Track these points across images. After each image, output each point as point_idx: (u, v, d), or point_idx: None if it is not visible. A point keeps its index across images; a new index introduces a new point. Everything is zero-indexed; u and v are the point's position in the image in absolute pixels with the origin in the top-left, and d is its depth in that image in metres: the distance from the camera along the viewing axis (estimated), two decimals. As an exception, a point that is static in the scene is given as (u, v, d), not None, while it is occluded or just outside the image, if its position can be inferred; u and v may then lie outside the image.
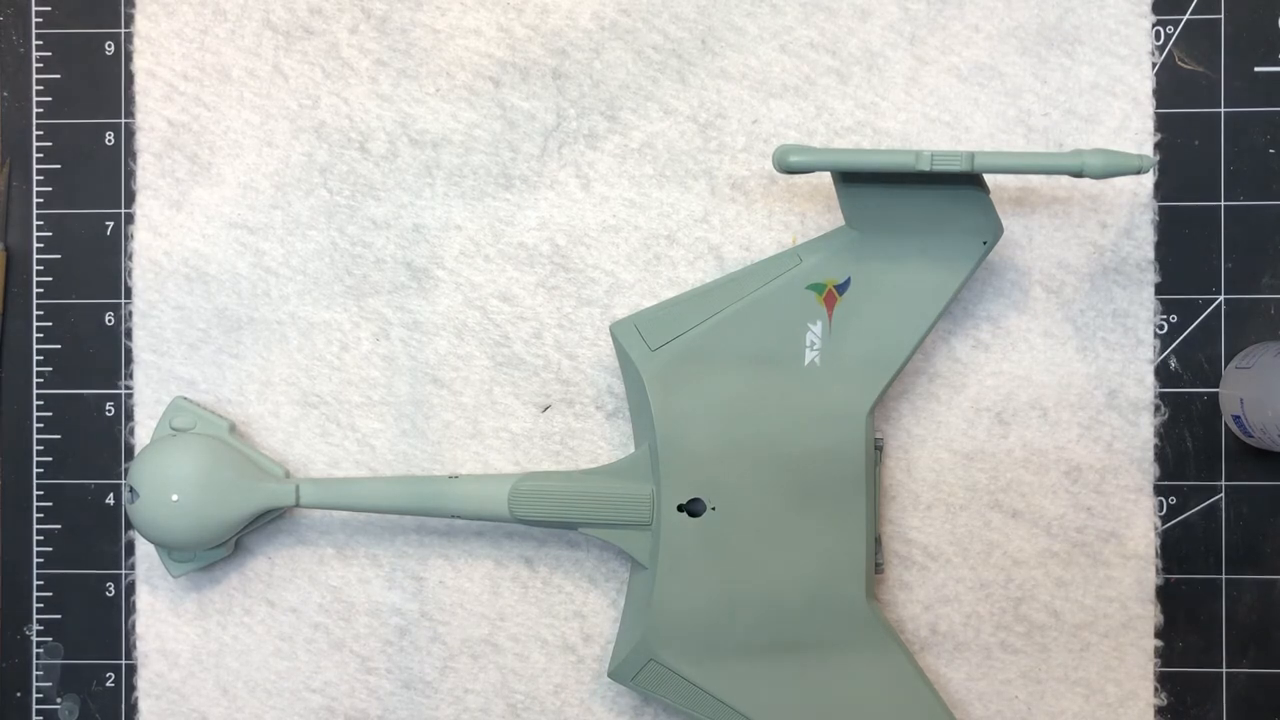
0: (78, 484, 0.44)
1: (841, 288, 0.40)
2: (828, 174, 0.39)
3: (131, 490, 0.41)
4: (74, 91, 0.44)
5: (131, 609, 0.44)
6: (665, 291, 0.43)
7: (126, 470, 0.43)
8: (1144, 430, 0.43)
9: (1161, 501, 0.43)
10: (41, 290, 0.44)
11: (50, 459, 0.44)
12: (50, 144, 0.44)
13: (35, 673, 0.44)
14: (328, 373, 0.43)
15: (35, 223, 0.44)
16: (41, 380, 0.44)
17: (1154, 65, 0.43)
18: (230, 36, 0.43)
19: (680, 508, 0.40)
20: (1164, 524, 0.43)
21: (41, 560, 0.44)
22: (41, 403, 0.44)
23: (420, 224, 0.43)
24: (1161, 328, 0.43)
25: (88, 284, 0.44)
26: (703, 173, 0.43)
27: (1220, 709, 0.42)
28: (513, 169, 0.43)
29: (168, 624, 0.43)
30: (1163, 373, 0.43)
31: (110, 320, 0.44)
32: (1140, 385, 0.43)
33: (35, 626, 0.44)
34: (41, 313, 0.44)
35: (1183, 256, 0.43)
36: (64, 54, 0.44)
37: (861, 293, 0.40)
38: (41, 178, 0.44)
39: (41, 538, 0.44)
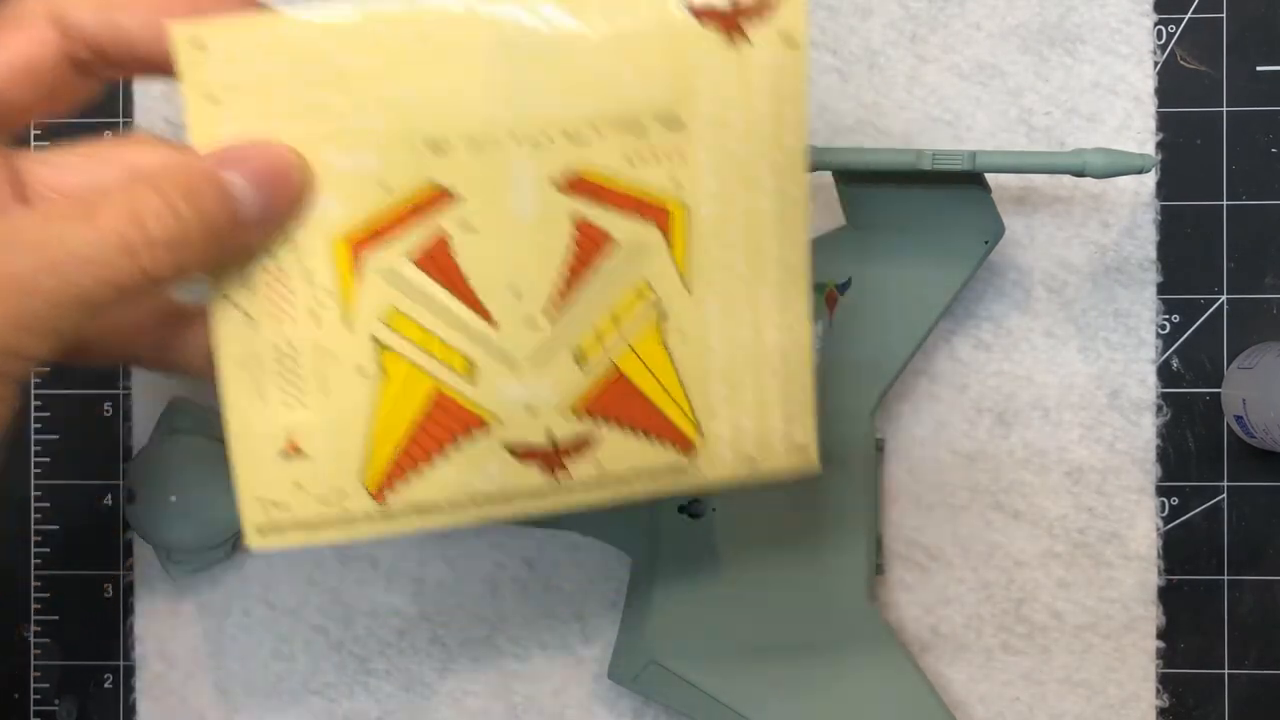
0: (76, 485, 0.44)
1: (843, 288, 0.40)
2: (828, 173, 0.39)
3: (130, 491, 0.41)
4: (72, 91, 0.44)
5: (130, 610, 0.44)
6: (665, 291, 0.43)
7: (125, 471, 0.43)
8: (1146, 431, 0.42)
9: (1163, 502, 0.42)
10: (39, 290, 0.44)
11: (48, 459, 0.44)
12: (48, 144, 0.44)
13: (33, 673, 0.44)
14: (327, 373, 0.43)
15: (33, 222, 0.44)
16: (39, 380, 0.44)
17: (1156, 64, 0.42)
18: (229, 35, 0.43)
19: (681, 509, 0.40)
20: (1166, 525, 0.42)
21: (39, 561, 0.44)
22: (39, 403, 0.44)
23: (419, 224, 0.43)
24: (1164, 328, 0.43)
25: (86, 284, 0.44)
26: (703, 172, 0.43)
27: (1223, 710, 0.42)
28: (512, 168, 0.43)
29: (166, 625, 0.43)
30: (1165, 373, 0.42)
31: (108, 320, 0.44)
32: (1142, 385, 0.42)
33: (33, 627, 0.44)
34: (39, 313, 0.44)
35: (1185, 256, 0.43)
36: (62, 53, 0.44)
37: (862, 293, 0.40)
38: (39, 177, 0.44)
39: (39, 538, 0.44)
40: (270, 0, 0.32)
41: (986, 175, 0.38)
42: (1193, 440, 0.42)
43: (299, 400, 0.32)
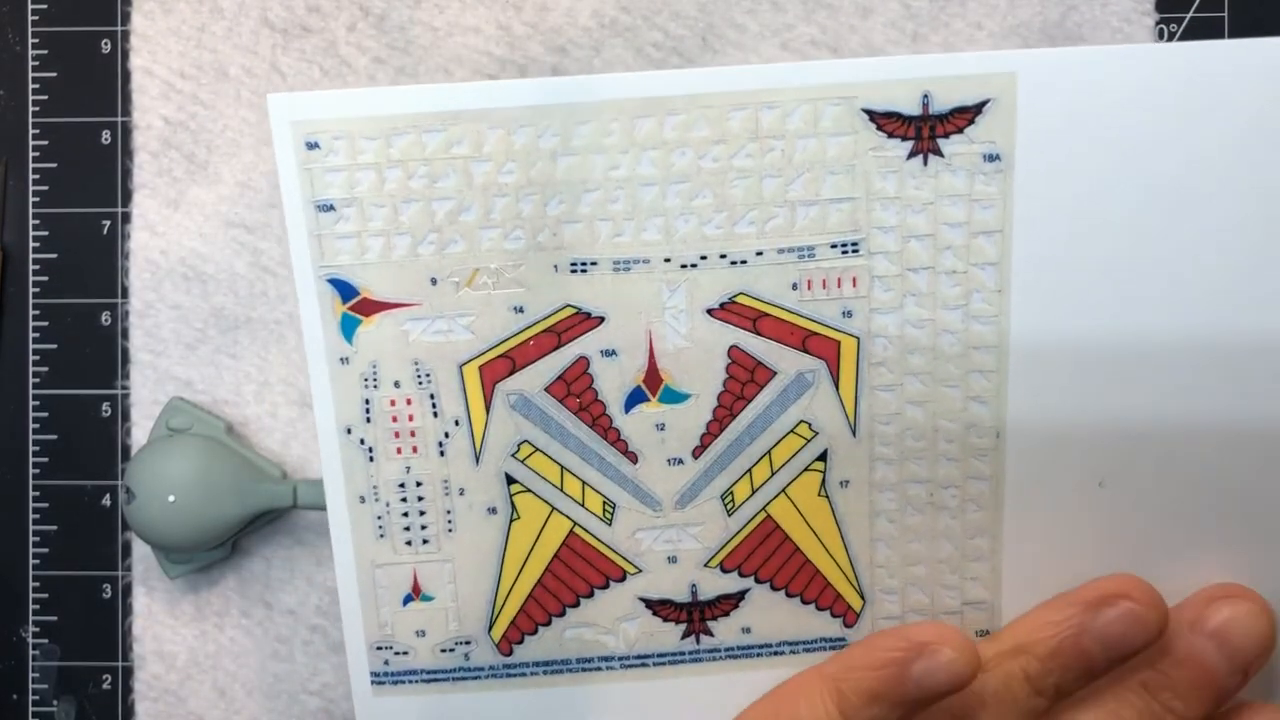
0: (74, 485, 0.44)
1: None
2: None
3: (128, 491, 0.40)
4: (70, 90, 0.44)
5: (128, 610, 0.43)
6: (665, 291, 0.43)
7: (123, 471, 0.43)
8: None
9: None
10: (37, 290, 0.44)
11: (46, 459, 0.44)
12: (46, 143, 0.44)
13: (31, 674, 0.44)
14: (325, 373, 0.43)
15: (31, 222, 0.44)
16: (37, 380, 0.44)
17: (1158, 63, 0.42)
18: (227, 34, 0.43)
19: None
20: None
21: (37, 562, 0.44)
22: (37, 403, 0.44)
23: (419, 223, 0.43)
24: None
25: (84, 283, 0.44)
26: (703, 171, 0.43)
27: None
28: (512, 168, 0.43)
29: (165, 626, 0.43)
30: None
31: (107, 320, 0.44)
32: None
33: (31, 628, 0.44)
34: (37, 312, 0.44)
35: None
36: (60, 52, 0.44)
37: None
38: (37, 176, 0.44)
39: (37, 539, 0.44)
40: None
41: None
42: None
43: (423, 540, 0.30)
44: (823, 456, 0.30)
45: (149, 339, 0.43)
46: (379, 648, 0.31)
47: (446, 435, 0.29)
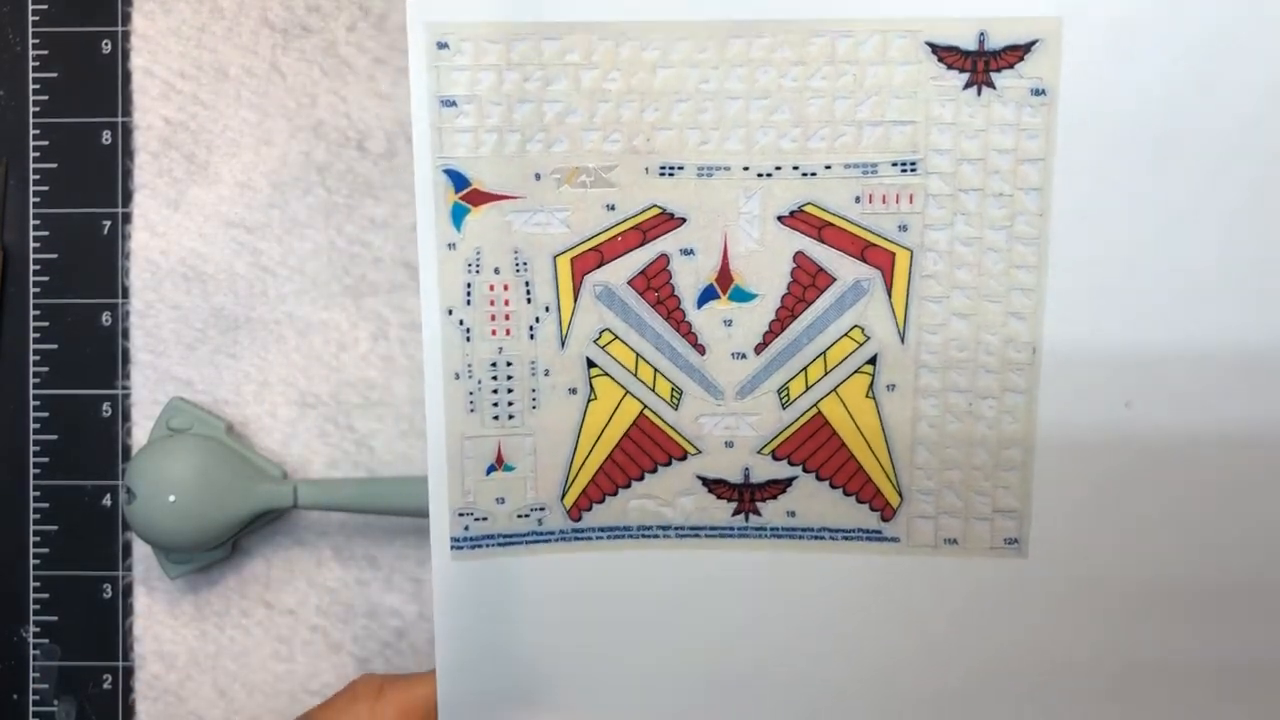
0: (74, 485, 0.44)
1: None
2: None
3: (129, 491, 0.40)
4: (71, 90, 0.44)
5: (129, 610, 0.43)
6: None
7: (124, 471, 0.43)
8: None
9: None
10: (38, 290, 0.44)
11: (47, 459, 0.44)
12: (47, 143, 0.44)
13: (32, 674, 0.44)
14: (325, 373, 0.43)
15: (32, 222, 0.44)
16: (38, 380, 0.44)
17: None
18: (227, 35, 0.43)
19: None
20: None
21: (38, 562, 0.44)
22: (38, 403, 0.44)
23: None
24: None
25: (84, 284, 0.44)
26: (703, 171, 0.43)
27: None
28: (512, 168, 0.43)
29: (165, 626, 0.43)
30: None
31: (107, 320, 0.44)
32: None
33: (32, 628, 0.44)
34: (38, 312, 0.44)
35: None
36: (61, 52, 0.44)
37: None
38: (38, 177, 0.44)
39: (38, 539, 0.44)
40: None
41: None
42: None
43: (509, 415, 0.33)
44: (873, 360, 0.32)
45: (149, 339, 0.43)
46: (460, 514, 0.33)
47: (537, 320, 0.32)
